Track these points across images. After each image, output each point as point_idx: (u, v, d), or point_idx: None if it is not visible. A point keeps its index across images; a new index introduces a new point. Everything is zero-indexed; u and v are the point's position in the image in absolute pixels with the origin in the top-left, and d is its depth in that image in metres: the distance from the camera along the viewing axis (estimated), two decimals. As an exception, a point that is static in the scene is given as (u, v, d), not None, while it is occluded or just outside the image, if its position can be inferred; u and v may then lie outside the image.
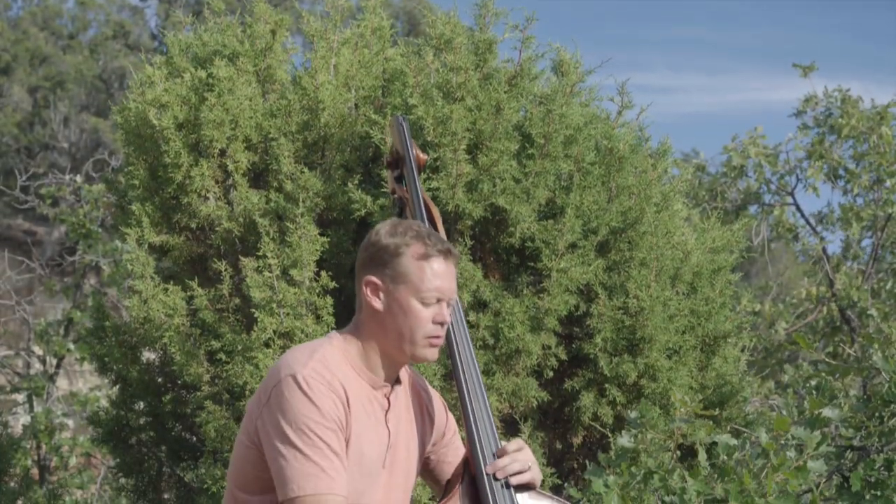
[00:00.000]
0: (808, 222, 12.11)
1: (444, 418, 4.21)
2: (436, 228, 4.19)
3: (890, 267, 12.08)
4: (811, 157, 11.68)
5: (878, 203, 11.66)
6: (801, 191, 12.06)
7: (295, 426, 3.73)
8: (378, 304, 3.88)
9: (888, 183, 11.44)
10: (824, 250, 11.53)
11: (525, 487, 4.05)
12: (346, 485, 3.77)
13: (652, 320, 6.43)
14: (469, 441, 4.04)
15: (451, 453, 4.22)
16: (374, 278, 3.89)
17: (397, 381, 3.99)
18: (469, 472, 4.03)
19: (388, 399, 3.95)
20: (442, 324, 3.89)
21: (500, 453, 4.00)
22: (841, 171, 11.82)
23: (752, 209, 12.36)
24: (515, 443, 4.07)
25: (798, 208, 12.14)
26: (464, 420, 4.06)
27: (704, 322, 6.73)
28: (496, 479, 3.99)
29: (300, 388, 3.75)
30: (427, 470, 4.19)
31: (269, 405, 3.79)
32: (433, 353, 3.94)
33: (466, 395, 4.08)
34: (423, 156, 4.33)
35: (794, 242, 12.94)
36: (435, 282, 3.85)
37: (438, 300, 3.86)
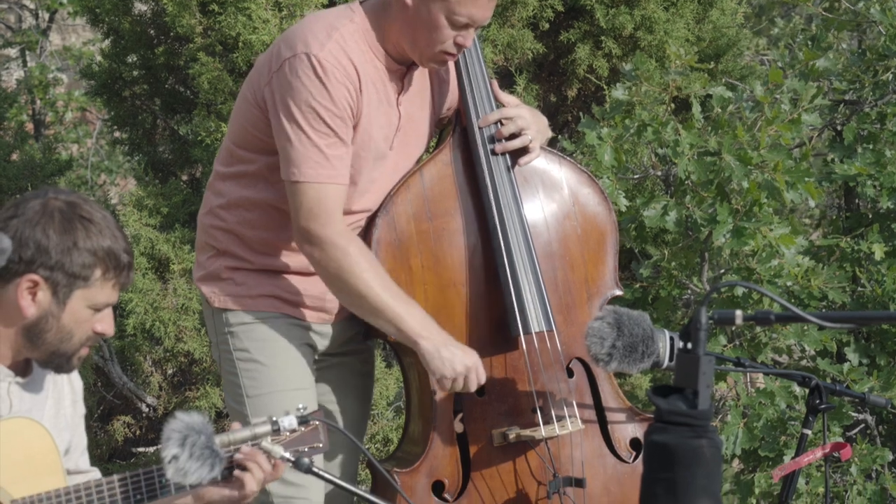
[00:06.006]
0: None
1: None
2: None
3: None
4: None
5: None
6: None
7: (306, 106, 3.73)
8: (410, 0, 3.81)
9: None
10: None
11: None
12: (347, 173, 3.79)
13: (649, -29, 6.35)
14: (460, 93, 4.05)
15: None
16: None
17: (414, 62, 3.96)
18: (460, 123, 4.06)
19: (403, 81, 3.94)
20: (461, 47, 3.84)
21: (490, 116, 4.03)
22: None
23: None
24: (512, 101, 4.08)
25: None
26: (456, 73, 4.07)
27: (702, -27, 6.66)
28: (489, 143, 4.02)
29: (314, 70, 3.72)
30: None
31: (281, 76, 3.76)
32: (441, 67, 3.93)
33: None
34: None
35: None
36: (471, 9, 3.79)
37: (467, 25, 3.81)
